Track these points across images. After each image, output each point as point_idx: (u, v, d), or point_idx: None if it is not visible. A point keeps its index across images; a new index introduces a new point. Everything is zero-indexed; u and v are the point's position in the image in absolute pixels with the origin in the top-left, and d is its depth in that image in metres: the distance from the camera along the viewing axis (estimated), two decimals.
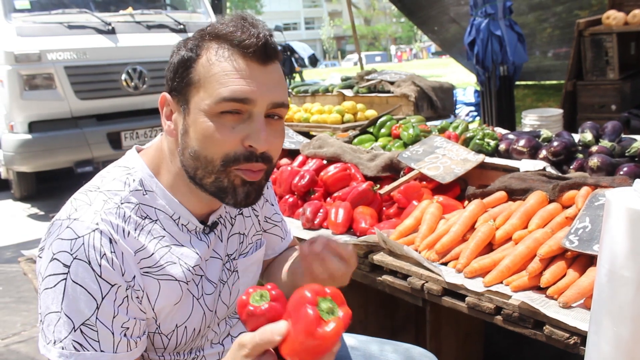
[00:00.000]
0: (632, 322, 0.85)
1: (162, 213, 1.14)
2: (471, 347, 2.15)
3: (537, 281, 1.59)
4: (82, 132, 6.00)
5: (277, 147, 1.13)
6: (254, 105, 1.05)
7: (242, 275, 1.31)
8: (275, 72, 1.10)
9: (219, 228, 1.25)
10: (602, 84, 5.09)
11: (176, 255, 1.13)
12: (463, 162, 2.39)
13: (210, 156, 1.06)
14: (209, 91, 1.05)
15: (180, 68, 1.09)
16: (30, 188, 6.61)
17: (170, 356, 1.20)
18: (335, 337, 0.85)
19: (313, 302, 0.86)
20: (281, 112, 1.12)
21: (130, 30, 6.29)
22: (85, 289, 1.00)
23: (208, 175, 1.08)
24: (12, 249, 4.97)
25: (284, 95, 1.12)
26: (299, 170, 2.57)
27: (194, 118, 1.07)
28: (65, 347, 1.00)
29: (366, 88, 4.40)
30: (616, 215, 0.85)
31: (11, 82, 5.69)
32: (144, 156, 1.18)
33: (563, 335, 1.42)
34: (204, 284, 1.20)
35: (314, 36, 61.07)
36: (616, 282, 0.86)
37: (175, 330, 1.15)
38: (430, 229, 1.96)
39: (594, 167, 2.11)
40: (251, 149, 1.06)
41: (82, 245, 1.00)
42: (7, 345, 3.27)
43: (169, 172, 1.15)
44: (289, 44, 12.18)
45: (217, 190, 1.10)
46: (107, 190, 1.10)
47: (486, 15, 5.31)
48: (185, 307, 1.16)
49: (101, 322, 1.01)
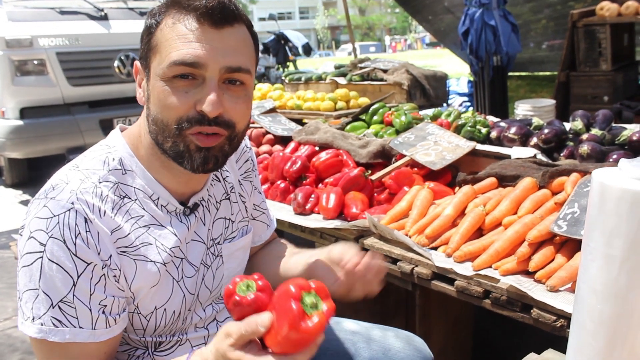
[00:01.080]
0: (616, 299, 0.86)
1: (141, 192, 1.13)
2: (460, 333, 2.17)
3: (525, 265, 1.60)
4: (75, 119, 5.97)
5: (238, 113, 1.10)
6: (205, 69, 1.04)
7: (226, 260, 1.31)
8: (232, 36, 1.07)
9: (200, 210, 1.24)
10: (594, 75, 5.10)
11: (153, 237, 1.13)
12: (454, 149, 2.40)
13: (165, 120, 1.06)
14: (162, 55, 1.05)
15: (144, 35, 1.10)
16: (22, 175, 6.57)
17: (152, 338, 1.20)
18: (318, 331, 0.88)
19: (297, 297, 0.89)
20: (242, 77, 1.09)
21: (123, 16, 6.24)
22: (61, 267, 1.00)
23: (166, 140, 1.08)
24: (5, 236, 4.95)
25: (242, 60, 1.09)
26: (290, 156, 2.58)
27: (153, 83, 1.08)
28: (44, 324, 1.00)
29: (359, 76, 4.39)
30: (601, 193, 0.86)
31: (2, 68, 5.63)
32: (126, 135, 1.18)
33: (550, 318, 1.44)
34: (185, 267, 1.20)
35: (308, 26, 60.80)
36: (600, 260, 0.87)
37: (154, 312, 1.15)
38: (420, 214, 1.97)
39: (584, 155, 2.12)
40: (203, 113, 1.05)
41: (58, 224, 1.01)
42: (4, 330, 3.27)
43: (144, 147, 1.15)
44: (282, 32, 12.11)
45: (175, 154, 1.09)
46: (85, 169, 1.10)
47: (480, 5, 5.31)
48: (165, 290, 1.16)
49: (78, 299, 1.02)
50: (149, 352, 1.21)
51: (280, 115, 3.47)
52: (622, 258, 0.84)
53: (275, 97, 4.18)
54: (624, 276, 0.84)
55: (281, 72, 11.19)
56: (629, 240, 0.83)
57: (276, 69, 11.75)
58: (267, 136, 3.19)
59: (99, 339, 1.05)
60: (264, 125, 3.20)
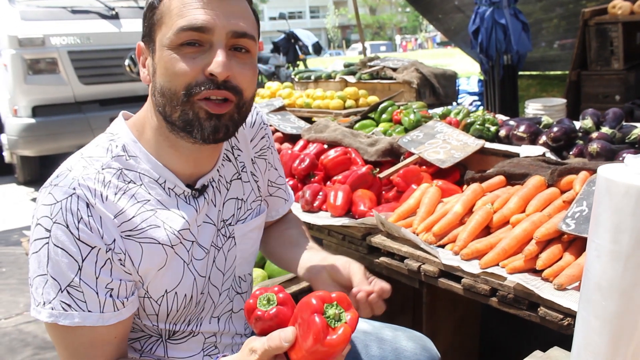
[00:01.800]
0: (621, 296, 0.86)
1: (146, 177, 1.14)
2: (467, 331, 2.16)
3: (533, 264, 1.59)
4: (85, 117, 6.02)
5: (245, 79, 1.11)
6: (212, 33, 1.05)
7: (239, 241, 1.31)
8: (237, 5, 1.09)
9: (210, 192, 1.23)
10: (606, 74, 5.06)
11: (161, 219, 1.13)
12: (463, 147, 2.39)
13: (173, 88, 1.06)
14: (168, 25, 1.06)
15: (147, 13, 1.11)
16: (34, 172, 6.65)
17: (166, 326, 1.21)
18: (343, 343, 0.88)
19: (320, 309, 0.89)
20: (247, 43, 1.10)
21: (133, 15, 6.28)
22: (66, 251, 1.02)
23: (174, 109, 1.08)
24: (16, 232, 5.01)
25: (248, 26, 1.10)
26: (299, 154, 2.58)
27: (159, 54, 1.08)
28: (54, 308, 1.03)
29: (369, 74, 4.38)
30: (607, 189, 0.86)
31: (15, 66, 5.70)
32: (130, 122, 1.19)
33: (557, 317, 1.43)
34: (195, 250, 1.20)
35: (319, 25, 60.78)
36: (606, 257, 0.87)
37: (165, 296, 1.16)
38: (428, 211, 1.97)
39: (593, 153, 2.11)
40: (212, 77, 1.06)
41: (60, 210, 1.03)
42: (16, 325, 3.31)
43: (151, 128, 1.15)
44: (292, 31, 12.11)
45: (184, 124, 1.08)
46: (88, 157, 1.12)
47: (491, 4, 5.28)
48: (175, 273, 1.16)
49: (85, 283, 1.03)
50: (163, 339, 1.23)
51: (289, 113, 3.48)
52: (627, 254, 0.84)
53: (284, 95, 4.19)
54: (630, 273, 0.84)
55: (291, 71, 11.19)
56: (635, 236, 0.83)
57: (286, 68, 11.75)
58: (276, 134, 3.20)
59: (107, 322, 1.06)
60: (272, 124, 3.20)
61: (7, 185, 6.82)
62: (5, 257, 4.49)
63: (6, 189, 6.69)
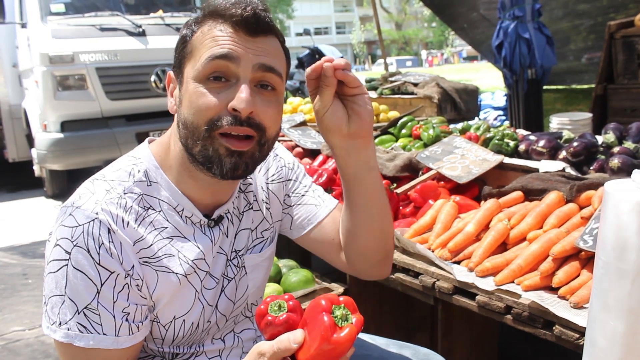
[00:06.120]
0: (629, 315, 0.83)
1: (165, 204, 1.15)
2: (484, 349, 2.12)
3: (549, 281, 1.56)
4: (112, 132, 6.15)
5: (269, 117, 1.10)
6: (238, 63, 1.05)
7: (250, 271, 1.31)
8: (266, 43, 1.09)
9: (225, 223, 1.24)
10: (633, 87, 4.96)
11: (176, 248, 1.14)
12: (481, 163, 2.37)
13: (196, 122, 1.07)
14: (197, 57, 1.08)
15: (179, 44, 1.13)
16: (62, 186, 6.78)
17: (170, 349, 1.21)
18: (349, 342, 0.91)
19: (328, 309, 0.92)
20: (273, 80, 1.10)
21: (160, 32, 6.41)
22: (85, 274, 1.03)
23: (195, 143, 1.08)
24: (44, 245, 5.08)
25: (275, 62, 1.10)
26: (317, 169, 2.59)
27: (186, 86, 1.09)
28: (70, 329, 1.03)
29: (390, 90, 4.39)
30: (613, 206, 0.84)
31: (45, 83, 5.86)
32: (153, 147, 1.20)
33: (573, 336, 1.40)
34: (207, 280, 1.21)
35: (344, 40, 61.09)
36: (613, 275, 0.85)
37: (173, 322, 1.16)
38: (444, 227, 1.95)
39: (614, 168, 2.06)
40: (235, 112, 1.05)
41: (82, 234, 1.03)
42: (38, 337, 3.36)
43: (173, 157, 1.16)
44: (317, 47, 12.19)
45: (204, 159, 1.08)
46: (111, 180, 1.12)
47: (514, 18, 5.24)
48: (186, 301, 1.17)
49: (102, 307, 1.04)
50: None
51: (310, 128, 3.49)
52: (635, 272, 0.82)
53: (305, 110, 4.21)
54: (637, 291, 0.82)
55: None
56: None
57: None
58: (296, 149, 3.21)
59: (122, 345, 1.07)
60: (293, 139, 3.22)
61: (36, 198, 6.97)
62: (32, 269, 4.58)
63: (35, 202, 6.83)
